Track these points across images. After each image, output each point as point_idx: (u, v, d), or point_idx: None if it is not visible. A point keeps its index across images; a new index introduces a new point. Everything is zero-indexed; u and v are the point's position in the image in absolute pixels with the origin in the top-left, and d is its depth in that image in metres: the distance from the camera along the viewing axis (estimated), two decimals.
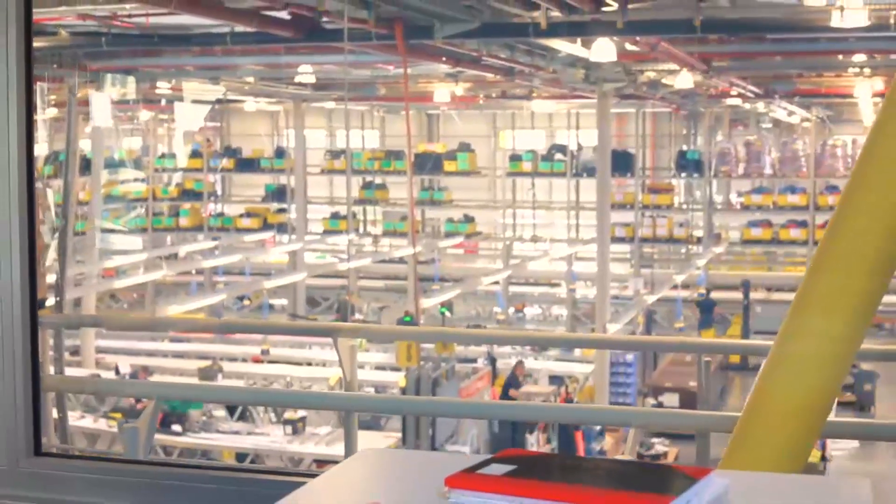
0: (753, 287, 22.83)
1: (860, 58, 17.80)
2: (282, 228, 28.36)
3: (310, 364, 17.79)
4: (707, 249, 25.34)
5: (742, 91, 22.58)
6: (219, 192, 30.60)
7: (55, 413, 11.30)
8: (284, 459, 13.56)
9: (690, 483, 1.43)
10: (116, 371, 16.36)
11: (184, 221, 28.54)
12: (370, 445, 5.71)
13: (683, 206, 27.31)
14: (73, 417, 13.61)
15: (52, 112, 19.52)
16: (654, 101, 24.84)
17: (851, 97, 22.38)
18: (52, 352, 11.94)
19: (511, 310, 24.72)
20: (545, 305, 26.38)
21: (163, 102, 26.40)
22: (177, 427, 13.66)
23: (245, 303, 25.98)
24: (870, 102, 21.77)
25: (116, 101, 20.14)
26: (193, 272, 26.32)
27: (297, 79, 21.43)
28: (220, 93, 23.78)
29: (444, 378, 15.33)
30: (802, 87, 22.65)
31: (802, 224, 24.65)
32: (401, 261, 25.27)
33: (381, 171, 27.84)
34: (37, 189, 3.02)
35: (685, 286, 23.42)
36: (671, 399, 17.87)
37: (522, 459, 1.53)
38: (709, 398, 16.89)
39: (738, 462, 2.29)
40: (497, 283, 24.38)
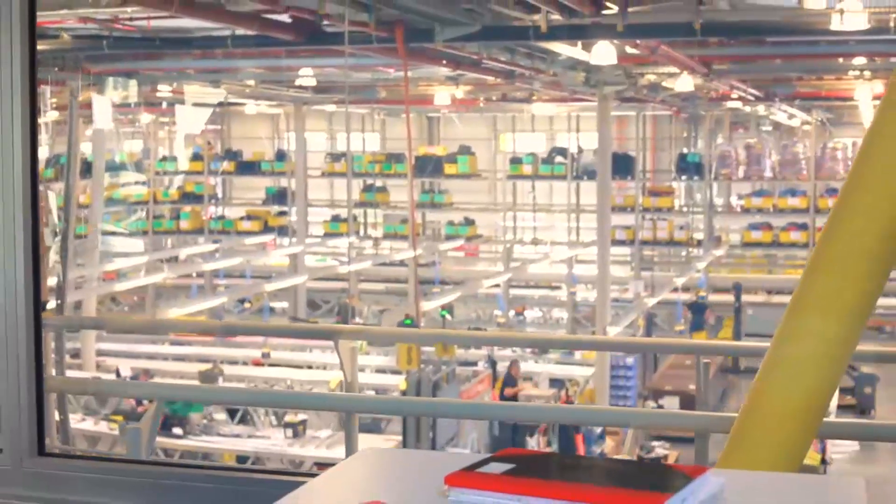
0: (753, 290, 22.79)
1: (860, 61, 17.78)
2: (282, 231, 28.39)
3: (310, 367, 17.77)
4: (707, 252, 25.32)
5: (742, 94, 22.56)
6: (219, 195, 30.59)
7: (57, 415, 11.29)
8: (285, 462, 13.55)
9: (687, 481, 1.44)
10: (117, 374, 16.33)
11: (184, 224, 28.49)
12: None
13: (684, 209, 27.28)
14: (74, 420, 13.58)
15: (54, 115, 19.51)
16: (655, 104, 24.82)
17: (852, 100, 22.35)
18: (53, 354, 11.93)
19: (511, 313, 24.68)
20: (545, 308, 26.33)
21: (164, 105, 26.38)
22: (178, 430, 13.65)
23: (246, 306, 25.94)
24: (870, 105, 21.72)
25: (118, 105, 20.19)
26: (194, 275, 26.28)
27: (298, 82, 21.46)
28: (221, 96, 23.76)
29: (445, 381, 15.30)
30: (803, 90, 22.63)
31: (803, 227, 24.64)
32: (401, 264, 25.28)
33: (382, 174, 27.82)
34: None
35: (685, 289, 23.38)
36: (671, 402, 17.83)
37: (521, 458, 1.54)
38: (708, 401, 16.83)
39: (735, 462, 2.30)
40: (497, 286, 24.33)
